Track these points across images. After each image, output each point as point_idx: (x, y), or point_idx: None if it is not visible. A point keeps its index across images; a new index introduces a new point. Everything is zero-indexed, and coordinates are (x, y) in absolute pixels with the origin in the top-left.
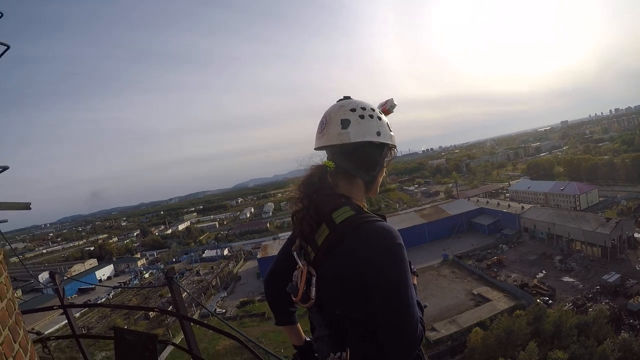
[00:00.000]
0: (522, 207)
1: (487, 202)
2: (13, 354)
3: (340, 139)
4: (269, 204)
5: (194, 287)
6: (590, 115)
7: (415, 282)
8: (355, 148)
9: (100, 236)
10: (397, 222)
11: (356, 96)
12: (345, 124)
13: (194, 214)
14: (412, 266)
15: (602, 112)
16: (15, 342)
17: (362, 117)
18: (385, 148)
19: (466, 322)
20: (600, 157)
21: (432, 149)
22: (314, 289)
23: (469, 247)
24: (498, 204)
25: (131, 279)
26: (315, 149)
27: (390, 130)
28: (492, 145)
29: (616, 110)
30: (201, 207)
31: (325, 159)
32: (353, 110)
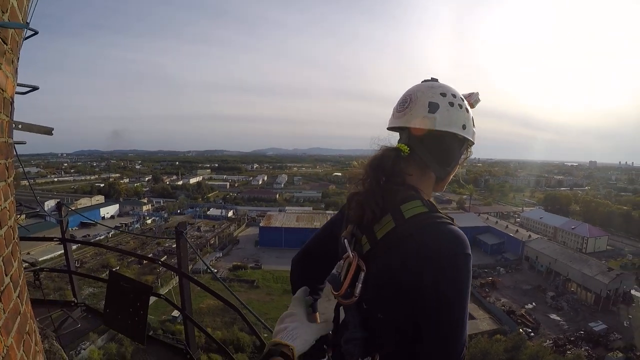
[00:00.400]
0: (530, 236)
1: (497, 222)
2: (2, 288)
3: (424, 123)
4: (283, 175)
5: (192, 242)
6: (620, 162)
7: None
8: (437, 137)
9: (113, 175)
10: None
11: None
12: (433, 107)
13: (208, 170)
14: None
15: (632, 162)
16: (6, 275)
17: (451, 104)
18: (465, 144)
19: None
20: (619, 207)
21: None
22: (360, 285)
23: None
24: (507, 226)
25: (133, 222)
26: (389, 128)
27: (474, 126)
28: (516, 168)
29: None
30: (216, 165)
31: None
32: (444, 94)
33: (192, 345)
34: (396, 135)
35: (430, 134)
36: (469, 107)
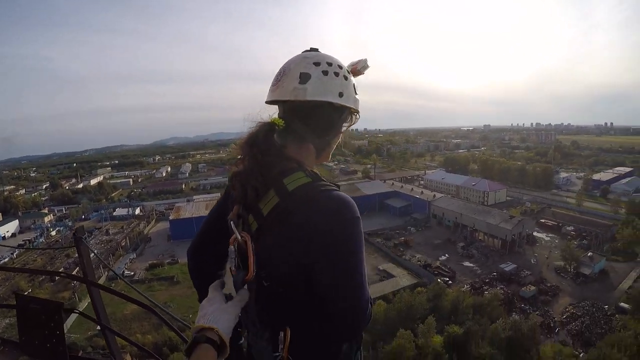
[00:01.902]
0: (434, 195)
1: (402, 186)
2: None
3: (294, 95)
4: (186, 164)
5: (102, 247)
6: (512, 124)
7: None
8: (311, 108)
9: (7, 187)
10: None
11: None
12: (304, 78)
13: (108, 168)
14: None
15: (523, 124)
16: None
17: (325, 73)
18: (346, 112)
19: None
20: (514, 162)
21: (356, 129)
22: (253, 264)
23: (378, 226)
24: (412, 189)
25: (37, 236)
26: (267, 102)
27: (356, 93)
28: (415, 135)
29: (537, 124)
30: (116, 161)
31: (276, 115)
32: (317, 64)
33: (117, 355)
34: (274, 109)
35: (304, 105)
36: (348, 75)
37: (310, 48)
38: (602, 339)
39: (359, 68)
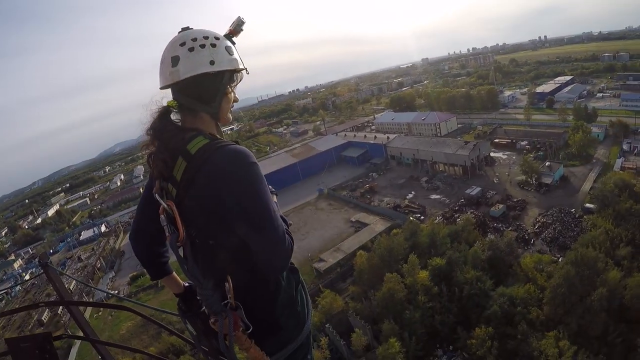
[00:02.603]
0: (388, 137)
1: (355, 135)
2: None
3: (172, 78)
4: (138, 167)
5: (79, 274)
6: (449, 53)
7: (276, 200)
8: (191, 83)
9: None
10: (269, 165)
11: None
12: (175, 61)
13: (61, 194)
14: (271, 187)
15: (460, 51)
16: None
17: (191, 49)
18: (227, 74)
19: (350, 248)
20: (458, 90)
21: (298, 89)
22: (181, 225)
23: (341, 179)
24: (365, 136)
25: (11, 286)
26: (161, 88)
27: (231, 54)
28: (357, 83)
29: (474, 49)
30: (67, 185)
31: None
32: (183, 44)
33: None
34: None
35: (184, 82)
36: (216, 41)
37: (182, 28)
38: (575, 240)
39: (233, 27)
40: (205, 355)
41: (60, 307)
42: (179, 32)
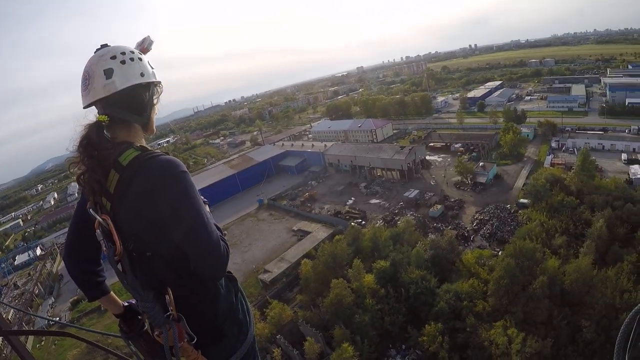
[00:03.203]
0: (325, 145)
1: (292, 144)
2: None
3: (107, 90)
4: (72, 184)
5: (16, 303)
6: (383, 61)
7: (208, 210)
8: (125, 95)
9: None
10: (207, 177)
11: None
12: (109, 73)
13: None
14: (202, 197)
15: (394, 59)
16: None
17: (123, 62)
18: (152, 86)
19: (294, 257)
20: (393, 97)
21: (234, 99)
22: (116, 237)
23: (281, 189)
24: (302, 145)
25: None
26: (85, 107)
27: (152, 68)
28: (293, 92)
29: (407, 57)
30: None
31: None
32: (113, 57)
33: None
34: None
35: (117, 95)
36: (141, 56)
37: (101, 45)
38: (513, 234)
39: (146, 46)
40: None
41: (0, 338)
42: (97, 49)
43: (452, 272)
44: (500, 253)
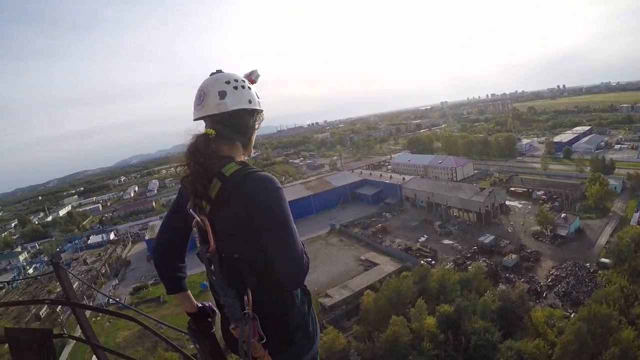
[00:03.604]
0: (404, 178)
1: (371, 173)
2: None
3: (219, 109)
4: (153, 181)
5: (83, 277)
6: (468, 98)
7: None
8: (232, 115)
9: None
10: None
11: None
12: (222, 95)
13: (74, 196)
14: None
15: (479, 96)
16: None
17: (235, 88)
18: (256, 113)
19: (357, 286)
20: (476, 135)
21: (317, 123)
22: (212, 237)
23: (354, 216)
24: (381, 175)
25: (14, 276)
26: (195, 119)
27: (258, 98)
28: (376, 121)
29: (492, 95)
30: (82, 188)
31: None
32: (227, 82)
33: None
34: (202, 124)
35: (227, 114)
36: (250, 85)
37: (216, 70)
38: (589, 296)
39: (253, 78)
40: None
41: (60, 306)
42: (212, 74)
43: (519, 328)
44: (572, 315)
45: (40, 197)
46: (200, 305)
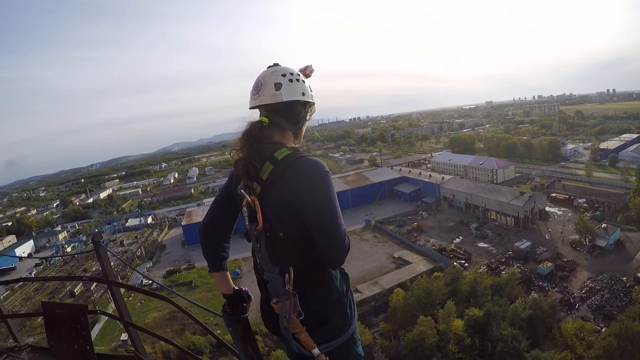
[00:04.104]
0: (443, 178)
1: (410, 171)
2: None
3: (274, 99)
4: (193, 168)
5: (121, 257)
6: (514, 98)
7: None
8: (286, 106)
9: (18, 209)
10: None
11: (285, 62)
12: (278, 86)
13: (116, 180)
14: None
15: (525, 97)
16: None
17: (291, 80)
18: (308, 106)
19: (388, 284)
20: (519, 138)
21: (359, 117)
22: (260, 216)
23: (390, 213)
24: (420, 173)
25: (53, 254)
26: (250, 108)
27: (311, 92)
28: (418, 118)
29: (539, 97)
30: (123, 173)
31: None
32: (284, 75)
33: (141, 350)
34: (256, 112)
35: (281, 105)
36: (304, 79)
37: (273, 63)
38: (622, 311)
39: (307, 72)
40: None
41: (94, 283)
42: (270, 66)
43: (547, 338)
44: (603, 330)
45: (82, 180)
46: (237, 288)
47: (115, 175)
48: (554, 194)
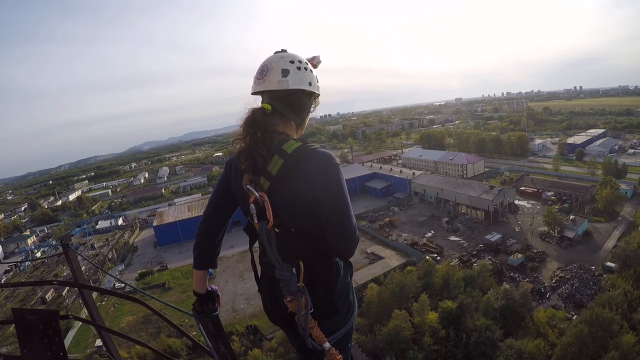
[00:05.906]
0: (414, 173)
1: (381, 167)
2: None
3: (280, 85)
4: (164, 168)
5: (89, 262)
6: (483, 95)
7: None
8: (291, 94)
9: None
10: None
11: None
12: (285, 73)
13: (85, 181)
14: None
15: (494, 94)
16: None
17: (299, 68)
18: (313, 96)
19: (362, 279)
20: (489, 133)
21: (329, 114)
22: (270, 213)
23: (362, 209)
24: (391, 169)
25: (22, 259)
26: (252, 93)
27: (318, 82)
28: (389, 115)
29: (508, 93)
30: (92, 173)
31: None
32: (292, 62)
33: (115, 355)
34: (258, 99)
35: (286, 92)
36: (312, 69)
37: (281, 49)
38: (592, 299)
39: (315, 62)
40: (214, 358)
41: (66, 289)
42: (276, 52)
43: (520, 327)
44: (574, 317)
45: (51, 181)
46: (209, 288)
47: (85, 176)
48: (522, 188)
